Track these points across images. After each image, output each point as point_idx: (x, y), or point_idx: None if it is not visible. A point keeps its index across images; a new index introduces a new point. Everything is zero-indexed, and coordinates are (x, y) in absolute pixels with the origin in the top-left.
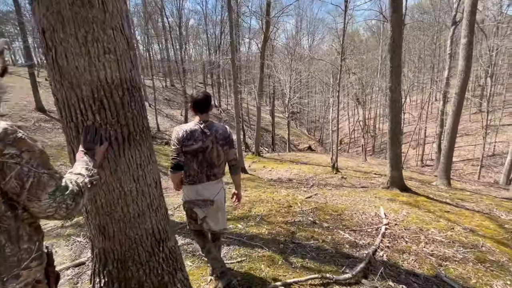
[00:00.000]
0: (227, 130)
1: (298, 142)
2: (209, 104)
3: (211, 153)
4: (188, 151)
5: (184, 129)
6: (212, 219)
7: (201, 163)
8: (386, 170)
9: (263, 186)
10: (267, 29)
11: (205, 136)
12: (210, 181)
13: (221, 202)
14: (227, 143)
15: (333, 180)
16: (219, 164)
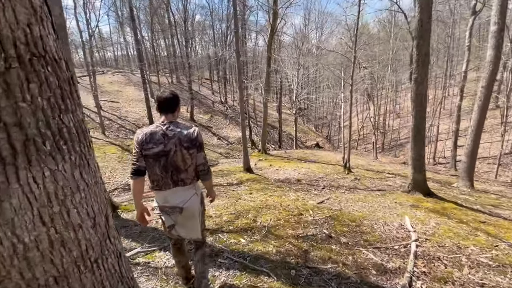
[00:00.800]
0: (194, 131)
1: (305, 139)
2: (174, 104)
3: (175, 157)
4: (149, 155)
5: (144, 132)
6: (182, 226)
7: (165, 167)
8: (408, 172)
9: (269, 188)
10: (274, 20)
11: (167, 139)
12: (178, 187)
13: (193, 209)
14: (193, 146)
15: (346, 182)
16: (186, 168)
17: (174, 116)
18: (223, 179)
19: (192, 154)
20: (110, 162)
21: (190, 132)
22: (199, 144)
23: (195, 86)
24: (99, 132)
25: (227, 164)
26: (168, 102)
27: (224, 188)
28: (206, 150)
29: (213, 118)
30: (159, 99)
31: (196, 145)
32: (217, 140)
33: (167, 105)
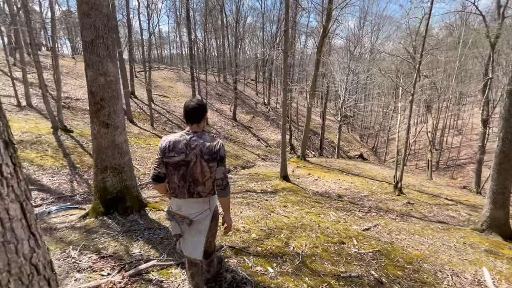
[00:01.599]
0: (216, 144)
1: (348, 149)
2: (200, 114)
3: (194, 168)
4: (170, 163)
5: (168, 139)
6: (187, 241)
7: (183, 177)
8: (484, 206)
9: (307, 203)
10: (328, 21)
11: (189, 149)
12: (192, 198)
13: (203, 225)
14: (213, 159)
15: (396, 205)
16: (204, 181)
17: (199, 126)
18: (258, 184)
19: (212, 168)
20: (153, 153)
21: (213, 145)
22: (220, 158)
23: (240, 86)
24: (149, 123)
25: (264, 167)
26: (195, 111)
27: (257, 196)
28: (245, 150)
29: (255, 119)
30: (186, 108)
31: (217, 158)
32: (256, 141)
33: (193, 114)
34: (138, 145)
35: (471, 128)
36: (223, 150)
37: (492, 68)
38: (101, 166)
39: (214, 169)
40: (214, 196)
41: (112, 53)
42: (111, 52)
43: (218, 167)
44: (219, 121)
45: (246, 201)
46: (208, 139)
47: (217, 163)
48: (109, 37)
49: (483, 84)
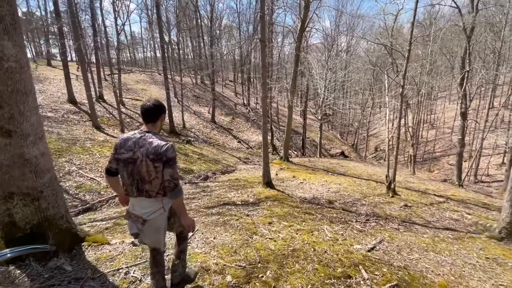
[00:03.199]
0: (164, 145)
1: (330, 147)
2: (154, 114)
3: (140, 167)
4: (120, 159)
5: (122, 137)
6: (147, 237)
7: (131, 175)
8: (503, 210)
9: (296, 215)
10: (306, 14)
11: (137, 147)
12: (142, 197)
13: (157, 224)
14: (158, 160)
15: (393, 209)
16: (150, 180)
17: (154, 126)
18: (238, 193)
19: (157, 168)
20: None
21: (159, 145)
22: (166, 160)
23: (219, 87)
24: (119, 129)
25: (245, 171)
26: (149, 112)
27: (236, 210)
28: (225, 153)
29: (235, 120)
30: (141, 108)
31: (163, 159)
32: (237, 143)
33: (148, 114)
34: (101, 154)
35: (443, 122)
36: (171, 152)
37: (469, 60)
38: (3, 192)
39: (159, 170)
40: (167, 197)
41: (10, 28)
42: (8, 25)
43: (165, 169)
44: (197, 124)
45: (222, 219)
46: (157, 139)
47: (163, 164)
48: (4, 3)
49: (461, 77)
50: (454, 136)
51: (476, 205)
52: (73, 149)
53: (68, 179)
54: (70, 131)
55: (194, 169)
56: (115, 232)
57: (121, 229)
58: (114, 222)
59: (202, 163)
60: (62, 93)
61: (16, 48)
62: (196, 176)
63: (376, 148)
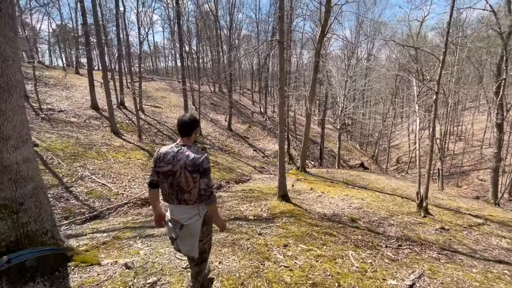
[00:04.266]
0: (199, 157)
1: (348, 158)
2: (190, 129)
3: (180, 178)
4: (160, 172)
5: (161, 151)
6: (182, 242)
7: (171, 185)
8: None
9: (315, 236)
10: (326, 19)
11: (176, 160)
12: (180, 205)
13: (193, 229)
14: (196, 171)
15: (428, 232)
16: (189, 190)
17: (189, 140)
18: (251, 206)
19: (195, 178)
20: (133, 169)
21: (196, 158)
22: (202, 170)
23: (236, 96)
24: (137, 135)
25: (260, 181)
26: (185, 126)
27: (248, 227)
28: (240, 162)
29: (251, 128)
30: (178, 123)
31: (200, 170)
32: (253, 151)
33: (183, 129)
34: (115, 160)
35: (472, 134)
36: (206, 163)
37: (506, 67)
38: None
39: (197, 180)
40: (202, 205)
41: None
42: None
43: (202, 179)
44: (213, 131)
45: (231, 237)
46: (194, 152)
47: (200, 175)
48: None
49: (497, 85)
50: (485, 149)
51: None
52: (89, 153)
53: (80, 184)
54: (88, 135)
55: None
56: (112, 248)
57: (119, 244)
58: (115, 235)
59: (216, 171)
60: (86, 99)
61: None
62: None
63: (397, 160)
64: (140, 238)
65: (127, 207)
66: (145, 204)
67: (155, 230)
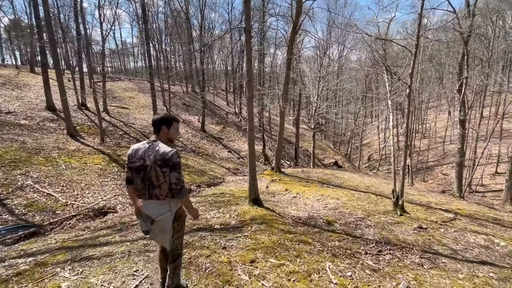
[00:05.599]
0: (169, 152)
1: (323, 157)
2: (156, 125)
3: (151, 173)
4: (132, 168)
5: (133, 147)
6: (155, 236)
7: (143, 180)
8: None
9: (287, 246)
10: (298, 15)
11: (147, 155)
12: (152, 200)
13: (163, 224)
14: (166, 165)
15: (406, 232)
16: (159, 184)
17: (159, 136)
18: (219, 212)
19: (165, 173)
20: (88, 175)
21: (165, 152)
22: (172, 164)
23: (210, 96)
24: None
25: (233, 183)
26: (154, 123)
27: (211, 239)
28: (213, 164)
29: (226, 129)
30: (152, 120)
31: (169, 164)
32: (227, 153)
33: (153, 125)
34: (68, 165)
35: (435, 131)
36: (176, 157)
37: (467, 66)
38: None
39: (167, 174)
40: (174, 201)
41: None
42: None
43: (172, 173)
44: (185, 133)
45: (189, 254)
46: (162, 147)
47: (170, 169)
48: None
49: (459, 83)
50: (447, 145)
51: (488, 221)
52: (34, 159)
53: (18, 195)
54: (38, 139)
55: None
56: (27, 280)
57: (39, 274)
58: (42, 259)
59: (186, 175)
60: (42, 100)
61: None
62: None
63: (369, 158)
64: (73, 263)
65: (75, 220)
66: (99, 215)
67: (96, 250)
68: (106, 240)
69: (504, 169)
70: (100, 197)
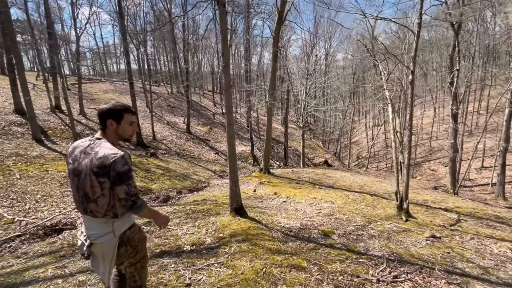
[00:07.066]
0: (112, 156)
1: (313, 156)
2: (103, 119)
3: (85, 181)
4: (68, 170)
5: (73, 144)
6: (96, 264)
7: (77, 190)
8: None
9: (275, 275)
10: (283, 5)
11: (83, 157)
12: (87, 216)
13: (103, 250)
14: (103, 174)
15: (418, 243)
16: (95, 198)
17: (105, 133)
18: (194, 227)
19: (103, 184)
20: (47, 184)
21: (106, 156)
22: (115, 175)
23: (196, 97)
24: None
25: (218, 187)
26: (99, 116)
27: (174, 269)
28: (198, 167)
29: (212, 130)
30: (97, 113)
31: (111, 175)
32: (214, 154)
33: (98, 119)
34: (23, 174)
35: (421, 128)
36: (121, 165)
37: (458, 58)
38: None
39: (106, 187)
40: (120, 220)
41: None
42: None
43: (118, 186)
44: (170, 135)
45: None
46: (105, 148)
47: (112, 181)
48: None
49: (451, 76)
50: (433, 141)
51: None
52: None
53: None
54: (3, 145)
55: (153, 188)
56: None
57: None
58: None
59: (166, 179)
60: (10, 103)
61: None
62: (154, 197)
63: (358, 156)
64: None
65: (18, 241)
66: (51, 233)
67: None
68: (33, 276)
69: (490, 163)
70: (58, 211)
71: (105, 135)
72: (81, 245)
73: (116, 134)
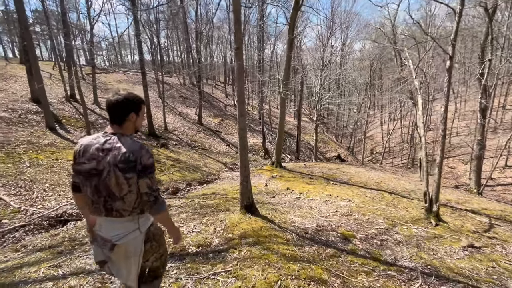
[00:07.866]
0: (137, 150)
1: (325, 150)
2: (122, 111)
3: (108, 180)
4: (81, 171)
5: (81, 142)
6: (117, 266)
7: (97, 190)
8: None
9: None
10: None
11: (103, 155)
12: (110, 217)
13: (129, 249)
14: (130, 169)
15: (454, 253)
16: (122, 196)
17: (121, 128)
18: (201, 224)
19: (130, 180)
20: (57, 173)
21: (130, 150)
22: (141, 168)
23: (209, 89)
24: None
25: (228, 180)
26: (115, 108)
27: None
28: (209, 159)
29: (224, 122)
30: (106, 104)
31: (137, 169)
32: (225, 146)
33: (112, 112)
34: (33, 162)
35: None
36: (147, 157)
37: (491, 46)
38: None
39: (134, 182)
40: (144, 215)
41: None
42: None
43: (141, 179)
44: (181, 125)
45: None
46: (129, 142)
47: (137, 175)
48: None
49: (482, 67)
50: (453, 137)
51: None
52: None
53: None
54: (8, 133)
55: (163, 179)
56: None
57: None
58: None
59: (176, 171)
60: (27, 91)
61: None
62: (163, 189)
63: (372, 151)
64: None
65: (22, 231)
66: (55, 224)
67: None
68: (24, 276)
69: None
70: (66, 200)
71: (121, 128)
72: (97, 251)
73: (133, 127)
